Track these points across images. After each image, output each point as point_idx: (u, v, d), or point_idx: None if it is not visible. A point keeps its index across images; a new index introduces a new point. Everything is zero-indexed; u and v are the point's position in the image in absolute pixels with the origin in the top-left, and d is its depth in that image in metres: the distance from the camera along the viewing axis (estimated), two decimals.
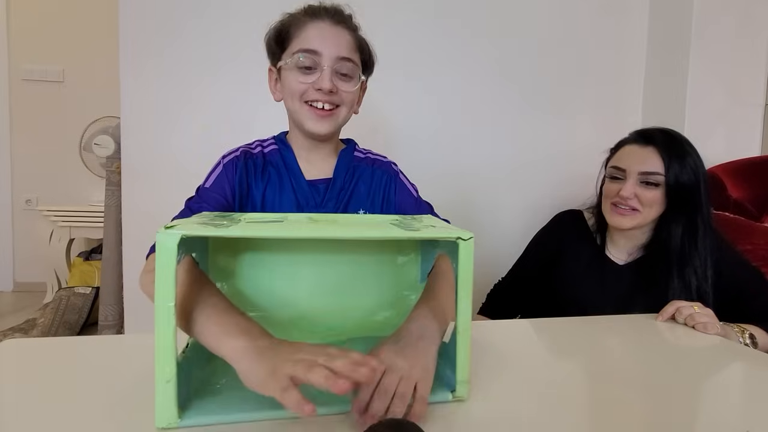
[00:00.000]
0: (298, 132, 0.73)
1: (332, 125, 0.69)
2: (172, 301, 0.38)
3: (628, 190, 0.84)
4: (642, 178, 0.84)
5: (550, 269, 0.98)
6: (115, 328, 1.60)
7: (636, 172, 0.84)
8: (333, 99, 0.67)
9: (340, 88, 0.67)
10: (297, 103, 0.68)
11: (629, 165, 0.85)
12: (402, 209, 0.74)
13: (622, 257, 0.92)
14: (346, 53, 0.66)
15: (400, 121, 1.48)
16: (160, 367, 0.38)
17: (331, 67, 0.65)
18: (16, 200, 2.63)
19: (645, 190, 0.84)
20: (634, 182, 0.84)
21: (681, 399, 0.49)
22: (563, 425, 0.42)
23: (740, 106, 1.52)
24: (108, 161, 1.67)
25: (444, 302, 0.52)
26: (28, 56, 2.58)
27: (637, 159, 0.85)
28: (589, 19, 1.60)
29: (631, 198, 0.84)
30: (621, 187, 0.85)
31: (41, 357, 0.54)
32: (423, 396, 0.41)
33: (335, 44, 0.65)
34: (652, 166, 0.83)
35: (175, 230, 0.38)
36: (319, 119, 0.67)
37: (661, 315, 0.75)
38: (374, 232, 0.45)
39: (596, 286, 0.92)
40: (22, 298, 2.51)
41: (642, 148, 0.86)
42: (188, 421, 0.39)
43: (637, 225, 0.86)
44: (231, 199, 0.69)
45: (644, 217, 0.85)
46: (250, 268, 0.55)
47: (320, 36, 0.65)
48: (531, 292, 1.02)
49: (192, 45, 1.34)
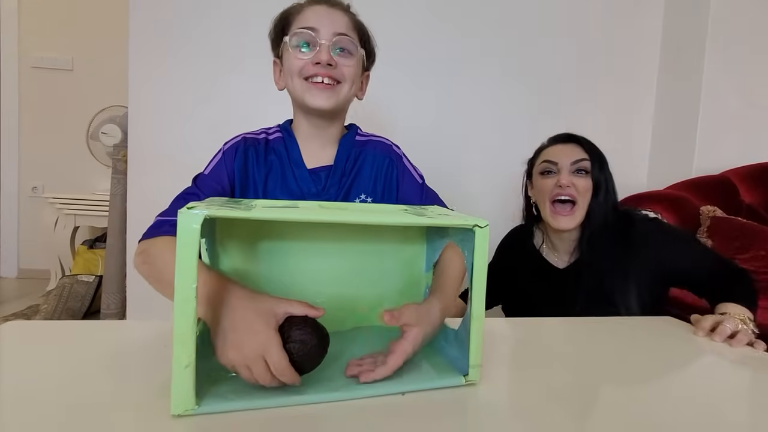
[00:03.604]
0: (302, 115, 0.72)
1: (333, 100, 0.68)
2: (193, 282, 0.36)
3: (566, 177, 0.89)
4: (574, 167, 0.90)
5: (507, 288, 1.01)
6: (117, 316, 1.60)
7: (568, 162, 0.90)
8: (333, 73, 0.66)
9: (340, 63, 0.67)
10: (297, 80, 0.67)
11: (560, 158, 0.91)
12: (406, 197, 0.74)
13: (562, 260, 0.95)
14: (343, 30, 0.67)
15: (406, 120, 1.47)
16: (178, 352, 0.36)
17: (329, 41, 0.66)
18: (22, 187, 2.64)
19: (578, 179, 0.89)
20: (568, 172, 0.90)
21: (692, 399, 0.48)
22: (569, 410, 0.42)
23: (753, 109, 1.49)
24: (115, 150, 1.67)
25: (447, 293, 0.55)
26: (37, 44, 2.58)
27: (566, 152, 0.92)
28: (602, 20, 1.58)
29: (569, 185, 0.89)
30: (557, 179, 0.90)
31: (43, 340, 0.53)
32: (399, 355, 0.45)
33: (331, 21, 0.66)
34: (581, 155, 0.90)
35: (198, 210, 0.37)
36: (319, 92, 0.66)
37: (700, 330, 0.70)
38: (391, 218, 0.44)
39: (540, 293, 0.95)
40: (25, 284, 2.52)
41: (566, 145, 0.93)
42: (205, 408, 0.38)
43: (578, 222, 0.90)
44: (228, 185, 0.69)
45: (581, 210, 0.89)
46: (256, 256, 0.54)
47: (317, 16, 0.67)
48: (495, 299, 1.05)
49: (201, 37, 1.33)
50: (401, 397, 0.43)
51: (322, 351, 0.42)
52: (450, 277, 0.58)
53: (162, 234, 0.60)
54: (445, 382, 0.46)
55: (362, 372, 0.44)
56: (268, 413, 0.39)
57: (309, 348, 0.41)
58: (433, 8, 1.45)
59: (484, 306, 0.46)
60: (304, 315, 0.42)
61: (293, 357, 0.40)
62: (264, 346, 0.39)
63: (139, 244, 0.62)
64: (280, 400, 0.40)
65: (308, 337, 0.41)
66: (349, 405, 0.41)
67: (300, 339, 0.41)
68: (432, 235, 0.59)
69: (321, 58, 0.65)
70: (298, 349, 0.40)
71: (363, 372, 0.44)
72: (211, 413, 0.38)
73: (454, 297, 0.58)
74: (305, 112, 0.71)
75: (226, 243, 0.53)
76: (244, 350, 0.39)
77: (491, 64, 1.50)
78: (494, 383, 0.48)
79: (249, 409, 0.39)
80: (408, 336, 0.46)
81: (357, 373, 0.45)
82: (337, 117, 0.73)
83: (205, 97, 1.35)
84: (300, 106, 0.71)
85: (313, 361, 0.42)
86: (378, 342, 0.51)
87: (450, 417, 0.41)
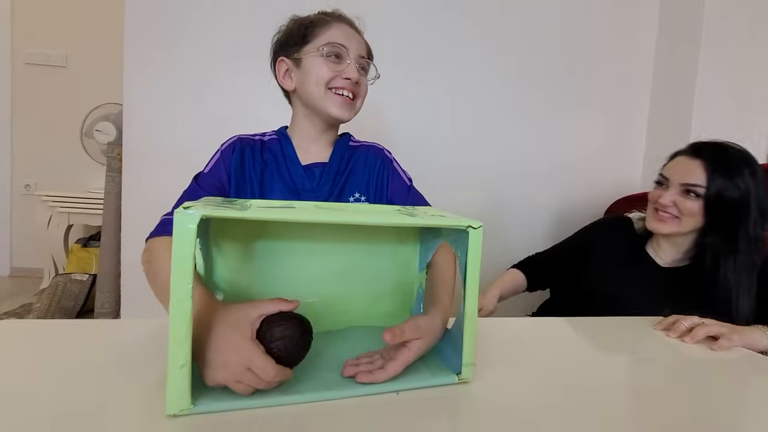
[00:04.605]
0: (306, 117, 0.76)
1: (352, 112, 0.75)
2: (189, 282, 0.36)
3: (667, 198, 0.87)
4: (683, 188, 0.86)
5: (587, 258, 0.99)
6: (111, 315, 1.59)
7: (678, 182, 0.87)
8: (355, 89, 0.73)
9: (360, 81, 0.74)
10: (322, 90, 0.72)
11: (672, 174, 0.89)
12: (394, 197, 0.78)
13: (665, 260, 0.93)
14: (364, 53, 0.75)
15: (408, 123, 1.47)
16: (174, 352, 0.36)
17: (356, 61, 0.72)
18: (15, 185, 2.61)
19: (685, 199, 0.86)
20: (675, 191, 0.87)
21: (675, 402, 0.48)
22: (561, 409, 0.43)
23: (748, 111, 1.51)
24: (109, 147, 1.66)
25: (446, 304, 0.56)
26: (31, 40, 2.56)
27: (682, 170, 0.88)
28: (597, 20, 1.59)
29: (669, 206, 0.87)
30: (662, 194, 0.89)
31: (37, 339, 0.53)
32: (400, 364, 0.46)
33: (357, 43, 0.74)
34: (694, 179, 0.85)
35: (194, 210, 0.37)
36: (343, 105, 0.73)
37: (660, 324, 0.74)
38: (387, 219, 0.45)
39: (629, 280, 0.92)
40: (18, 283, 2.50)
41: (689, 160, 0.88)
42: (201, 408, 0.38)
43: (675, 232, 0.88)
44: (227, 182, 0.72)
45: (683, 226, 0.87)
46: (251, 256, 0.54)
47: (346, 35, 0.73)
48: (565, 274, 1.04)
49: (197, 35, 1.33)
50: (395, 395, 0.44)
51: (306, 340, 0.43)
52: (446, 283, 0.59)
53: (166, 234, 0.61)
54: (439, 381, 0.46)
55: (359, 373, 0.45)
56: (263, 412, 0.39)
57: (293, 342, 0.41)
58: (429, 9, 1.45)
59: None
60: (278, 311, 0.43)
61: (281, 355, 0.41)
62: (247, 358, 0.39)
63: (146, 242, 0.64)
64: (275, 400, 0.40)
65: (289, 332, 0.41)
66: (343, 403, 0.42)
67: (281, 336, 0.41)
68: (425, 236, 0.59)
69: (352, 75, 0.71)
70: (283, 347, 0.41)
71: (360, 373, 0.45)
72: (206, 413, 0.38)
73: (451, 303, 0.59)
74: (315, 115, 0.75)
75: (220, 242, 0.53)
76: (229, 368, 0.39)
77: (485, 64, 1.51)
78: (487, 382, 0.48)
79: (244, 409, 0.39)
80: (412, 346, 0.46)
81: (354, 374, 0.45)
82: (346, 122, 0.79)
83: (200, 95, 1.34)
84: (314, 109, 0.74)
85: (301, 352, 0.42)
86: (372, 342, 0.52)
87: (443, 415, 0.42)
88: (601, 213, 1.52)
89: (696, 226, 0.87)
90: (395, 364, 0.45)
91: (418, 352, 0.47)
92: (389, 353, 0.47)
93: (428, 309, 0.54)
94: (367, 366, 0.46)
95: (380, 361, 0.46)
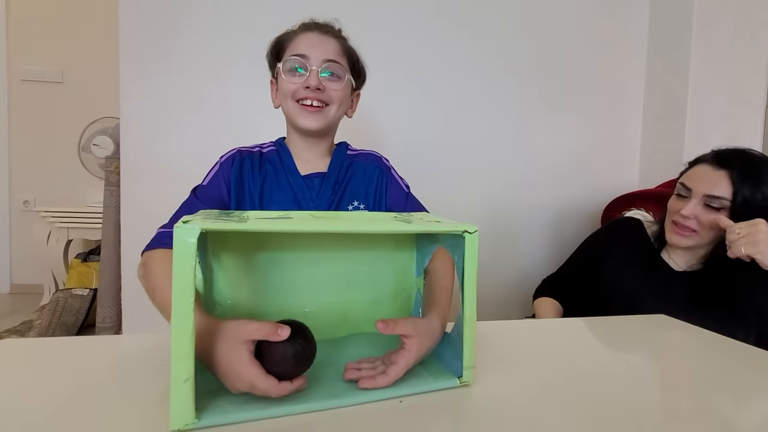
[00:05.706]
0: (294, 132, 0.77)
1: (321, 121, 0.73)
2: (191, 296, 0.36)
3: (689, 210, 0.84)
4: (706, 200, 0.83)
5: (600, 262, 0.98)
6: (112, 329, 1.59)
7: (701, 193, 0.84)
8: (321, 96, 0.72)
9: (328, 87, 0.72)
10: (290, 102, 0.73)
11: (696, 186, 0.85)
12: (393, 204, 0.78)
13: (679, 265, 0.92)
14: (332, 56, 0.72)
15: (402, 127, 1.47)
16: (176, 367, 0.36)
17: (318, 68, 0.71)
18: (13, 201, 2.61)
19: (706, 212, 0.83)
20: (698, 203, 0.84)
21: (679, 403, 0.48)
22: (562, 411, 0.42)
23: (741, 106, 1.52)
24: (107, 161, 1.66)
25: (444, 307, 0.57)
26: (27, 57, 2.57)
27: (707, 181, 0.84)
28: (589, 20, 1.60)
29: (691, 218, 0.84)
30: (683, 206, 0.85)
31: (39, 357, 0.53)
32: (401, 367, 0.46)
33: (322, 49, 0.72)
34: (720, 191, 0.82)
35: (194, 224, 0.37)
36: (308, 114, 0.72)
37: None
38: (384, 227, 0.45)
39: (645, 284, 0.91)
40: (18, 299, 2.49)
41: (714, 171, 0.84)
42: (205, 422, 0.38)
43: (694, 245, 0.87)
44: (227, 194, 0.72)
45: (701, 239, 0.85)
46: (249, 267, 0.55)
47: (309, 43, 0.72)
48: (580, 285, 1.02)
49: (192, 46, 1.33)
50: (398, 401, 0.44)
51: (308, 348, 0.42)
52: (443, 287, 0.59)
53: (162, 246, 0.61)
54: (440, 385, 0.47)
55: (361, 378, 0.45)
56: (267, 424, 0.39)
57: (296, 356, 0.41)
58: (424, 10, 1.46)
59: None
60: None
61: (286, 368, 0.41)
62: (249, 381, 0.40)
63: (142, 255, 0.64)
64: (279, 410, 0.40)
65: (290, 352, 0.41)
66: (348, 411, 0.42)
67: (281, 358, 0.41)
68: (422, 241, 0.60)
69: (310, 83, 0.70)
70: (286, 363, 0.41)
71: (362, 378, 0.45)
72: (210, 426, 0.38)
73: (449, 306, 0.60)
74: (297, 130, 0.76)
75: (219, 254, 0.53)
76: (238, 385, 0.41)
77: (478, 65, 1.51)
78: (488, 384, 0.48)
79: (248, 421, 0.39)
80: (411, 347, 0.47)
81: (355, 377, 0.45)
82: (328, 134, 0.79)
83: (197, 107, 1.35)
84: (292, 125, 0.76)
85: (305, 362, 0.42)
86: (372, 348, 0.52)
87: (446, 419, 0.42)
88: (600, 211, 1.53)
89: (714, 238, 0.85)
90: (396, 368, 0.45)
91: (418, 354, 0.47)
92: (390, 358, 0.47)
93: (426, 312, 0.55)
94: (369, 372, 0.46)
95: (382, 367, 0.46)
